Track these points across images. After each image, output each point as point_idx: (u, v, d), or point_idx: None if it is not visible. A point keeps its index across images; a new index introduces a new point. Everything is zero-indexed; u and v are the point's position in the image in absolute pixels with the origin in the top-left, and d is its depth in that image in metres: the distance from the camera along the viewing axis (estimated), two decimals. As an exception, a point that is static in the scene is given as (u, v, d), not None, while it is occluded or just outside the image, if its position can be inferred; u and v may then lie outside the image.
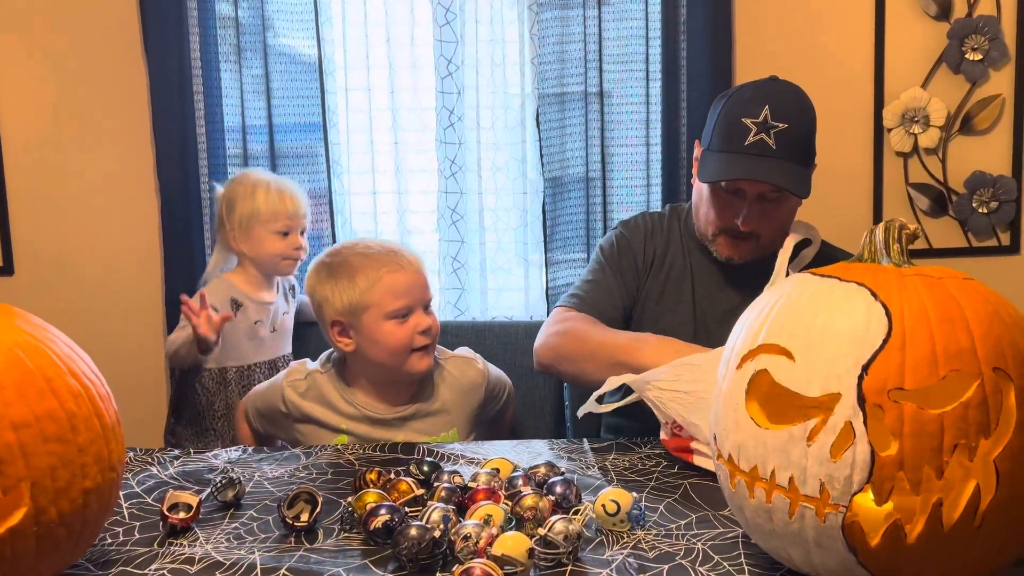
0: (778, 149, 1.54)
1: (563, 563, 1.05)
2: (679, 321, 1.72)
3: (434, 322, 1.69)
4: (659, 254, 1.77)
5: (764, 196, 1.59)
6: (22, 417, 0.93)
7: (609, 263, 1.77)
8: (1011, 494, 0.89)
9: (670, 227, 1.80)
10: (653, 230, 1.80)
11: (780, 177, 1.56)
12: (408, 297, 1.65)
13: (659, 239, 1.79)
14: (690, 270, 1.75)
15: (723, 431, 1.02)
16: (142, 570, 1.07)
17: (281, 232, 2.04)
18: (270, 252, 2.04)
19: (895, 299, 0.94)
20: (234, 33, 2.23)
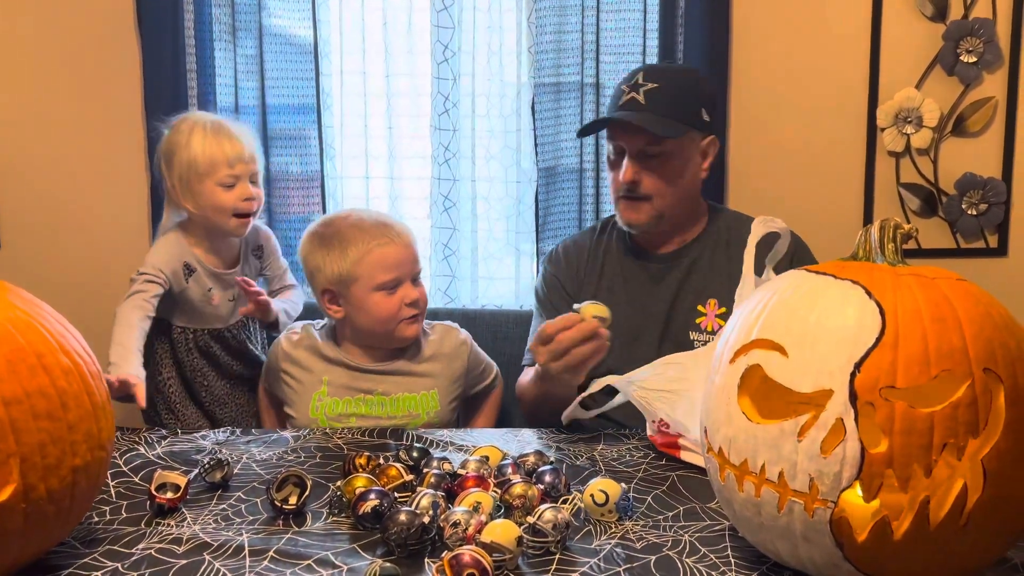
0: (647, 103, 1.66)
1: (551, 551, 1.06)
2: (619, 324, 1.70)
3: (421, 294, 1.76)
4: (587, 271, 1.83)
5: (644, 152, 1.68)
6: (13, 393, 0.93)
7: (543, 307, 1.85)
8: (997, 494, 0.90)
9: (599, 238, 1.86)
10: (575, 252, 1.86)
11: (644, 120, 1.65)
12: (397, 270, 1.72)
13: (583, 258, 1.85)
14: (622, 275, 1.80)
15: (714, 424, 1.03)
16: (129, 549, 1.07)
17: (225, 184, 1.79)
18: (216, 207, 1.80)
19: (889, 298, 0.95)
20: (229, 12, 2.21)
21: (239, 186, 1.80)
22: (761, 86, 2.26)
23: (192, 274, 1.85)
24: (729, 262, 1.74)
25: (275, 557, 1.05)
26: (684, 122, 1.68)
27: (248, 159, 1.82)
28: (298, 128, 2.27)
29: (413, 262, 1.75)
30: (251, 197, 1.82)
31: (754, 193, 2.26)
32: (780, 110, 2.26)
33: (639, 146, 1.68)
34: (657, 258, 1.79)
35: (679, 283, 1.75)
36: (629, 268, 1.80)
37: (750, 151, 2.28)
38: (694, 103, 1.70)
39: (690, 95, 1.70)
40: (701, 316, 1.73)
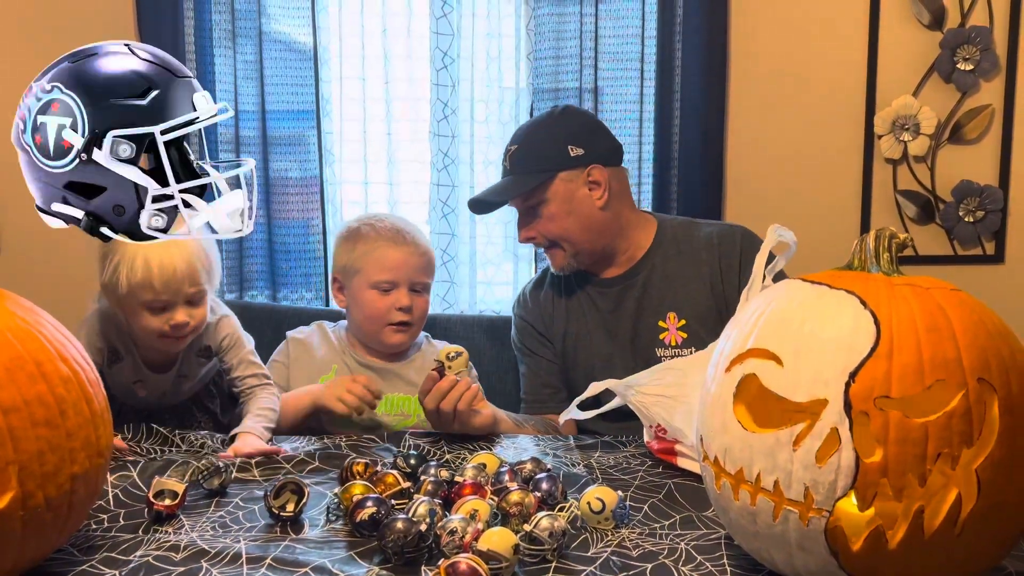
0: (511, 168, 1.77)
1: (548, 559, 1.06)
2: (602, 353, 1.79)
3: (417, 304, 1.78)
4: (554, 308, 1.85)
5: (528, 208, 1.76)
6: (11, 401, 0.93)
7: (522, 353, 1.88)
8: (991, 503, 0.91)
9: (556, 278, 1.87)
10: (540, 293, 1.88)
11: (494, 191, 1.79)
12: (395, 273, 1.76)
13: (548, 297, 1.87)
14: (585, 304, 1.82)
15: (710, 433, 1.03)
16: (127, 556, 1.07)
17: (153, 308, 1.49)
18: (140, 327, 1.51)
19: (884, 308, 0.95)
20: (229, 18, 2.22)
21: (169, 312, 1.49)
22: (759, 93, 2.26)
23: (118, 362, 1.56)
24: (682, 268, 1.77)
25: (272, 564, 1.05)
26: (545, 170, 1.73)
27: (185, 284, 1.47)
28: (297, 133, 2.28)
29: (416, 270, 1.78)
30: (183, 325, 1.49)
31: (751, 200, 2.27)
32: (777, 117, 2.27)
33: (518, 205, 1.78)
34: (610, 282, 1.81)
35: (636, 302, 1.78)
36: (589, 297, 1.82)
37: (748, 158, 2.28)
38: (554, 147, 1.74)
39: (547, 142, 1.75)
40: (664, 331, 1.76)
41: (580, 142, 1.75)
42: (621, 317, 1.79)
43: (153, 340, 1.53)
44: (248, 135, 2.26)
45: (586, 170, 1.74)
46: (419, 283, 1.78)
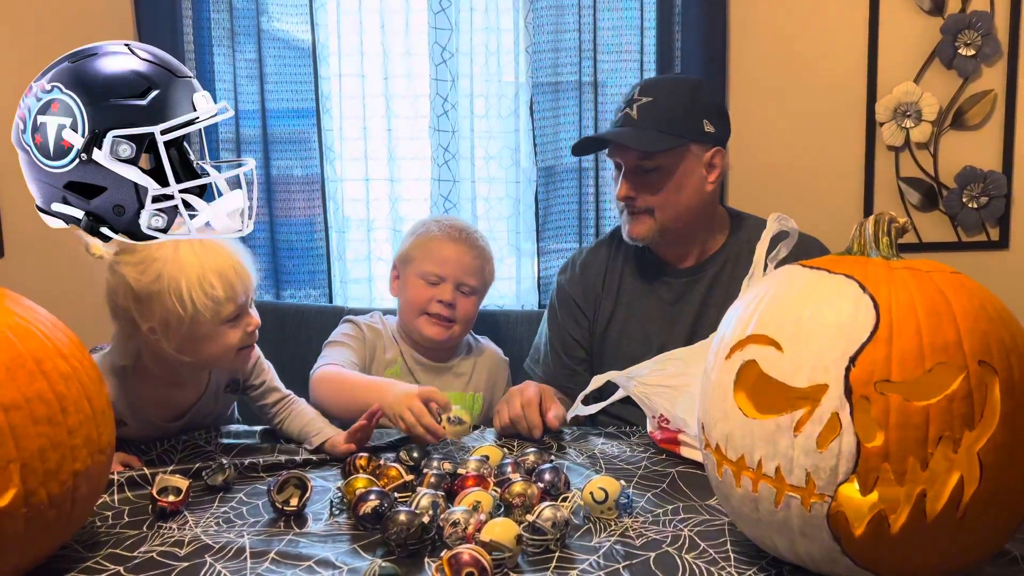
0: (640, 119, 1.64)
1: (551, 549, 1.06)
2: (655, 342, 1.71)
3: (461, 304, 1.79)
4: (605, 289, 1.79)
5: (640, 167, 1.66)
6: (12, 399, 0.93)
7: (551, 324, 1.83)
8: (994, 486, 0.90)
9: (615, 255, 1.81)
10: (592, 269, 1.81)
11: (624, 136, 1.65)
12: (443, 267, 1.79)
13: (601, 275, 1.80)
14: (642, 293, 1.76)
15: (711, 421, 1.03)
16: (131, 552, 1.08)
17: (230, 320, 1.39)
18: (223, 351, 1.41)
19: (883, 292, 0.95)
20: (228, 17, 2.22)
21: (243, 317, 1.41)
22: (759, 82, 2.25)
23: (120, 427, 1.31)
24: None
25: (276, 559, 1.05)
26: (678, 135, 1.63)
27: (253, 287, 1.42)
28: (298, 131, 2.28)
29: (467, 270, 1.80)
30: (257, 324, 1.44)
31: (754, 189, 2.26)
32: (779, 106, 2.26)
33: (633, 162, 1.66)
34: (677, 273, 1.74)
35: (702, 299, 1.71)
36: (651, 283, 1.76)
37: (749, 147, 2.27)
38: (692, 115, 1.65)
39: (687, 107, 1.65)
40: None
41: (714, 120, 1.67)
42: (683, 309, 1.72)
43: (228, 359, 1.41)
44: (249, 134, 2.26)
45: (712, 150, 1.67)
46: (467, 284, 1.80)
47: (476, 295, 1.83)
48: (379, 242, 2.32)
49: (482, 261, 1.83)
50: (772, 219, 1.33)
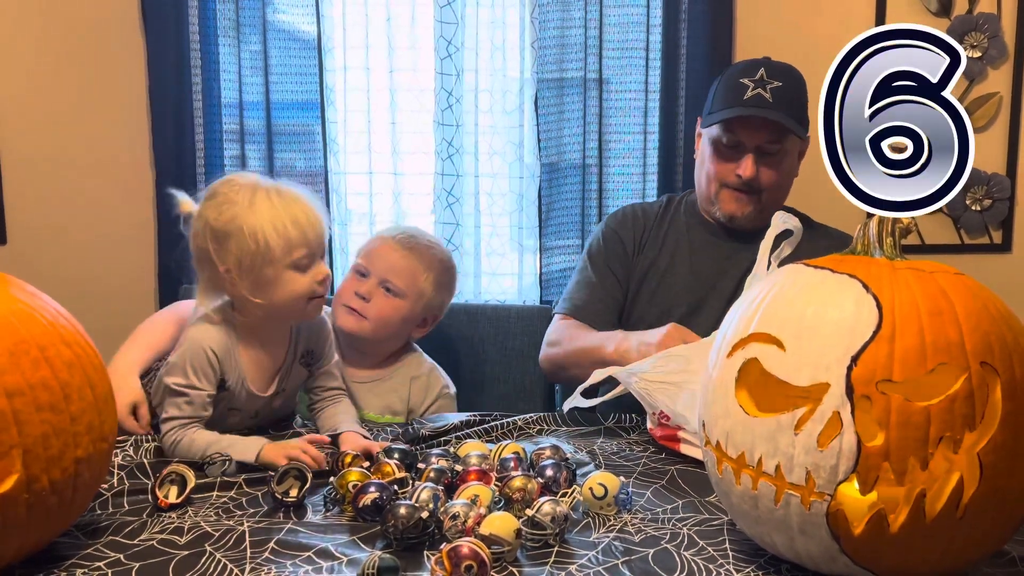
0: (775, 102, 1.68)
1: (550, 544, 1.06)
2: (693, 296, 1.78)
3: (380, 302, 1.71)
4: (652, 235, 1.85)
5: (762, 149, 1.71)
6: (16, 385, 0.93)
7: (593, 262, 1.86)
8: (994, 487, 0.90)
9: (665, 210, 1.88)
10: (640, 215, 1.88)
11: (778, 118, 1.68)
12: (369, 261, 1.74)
13: (649, 221, 1.86)
14: (689, 245, 1.82)
15: (712, 418, 1.03)
16: (131, 540, 1.08)
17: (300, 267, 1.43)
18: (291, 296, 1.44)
19: (886, 292, 0.95)
20: (233, 8, 2.22)
21: (314, 266, 1.44)
22: (764, 81, 2.25)
23: (221, 391, 1.44)
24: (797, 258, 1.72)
25: (276, 548, 1.06)
26: (803, 123, 1.73)
27: (324, 235, 1.46)
28: (302, 124, 2.28)
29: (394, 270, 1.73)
30: (327, 276, 1.46)
31: (757, 189, 2.26)
32: (783, 105, 2.26)
33: (760, 142, 1.71)
34: (731, 234, 1.81)
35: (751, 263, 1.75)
36: (698, 240, 1.82)
37: (753, 146, 2.27)
38: (805, 104, 1.74)
39: (802, 96, 1.74)
40: None
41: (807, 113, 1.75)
42: (729, 270, 1.78)
43: (300, 306, 1.45)
44: (253, 126, 2.26)
45: (805, 140, 1.77)
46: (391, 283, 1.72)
47: (401, 299, 1.71)
48: (382, 236, 2.32)
49: (415, 265, 1.73)
50: (776, 217, 1.33)
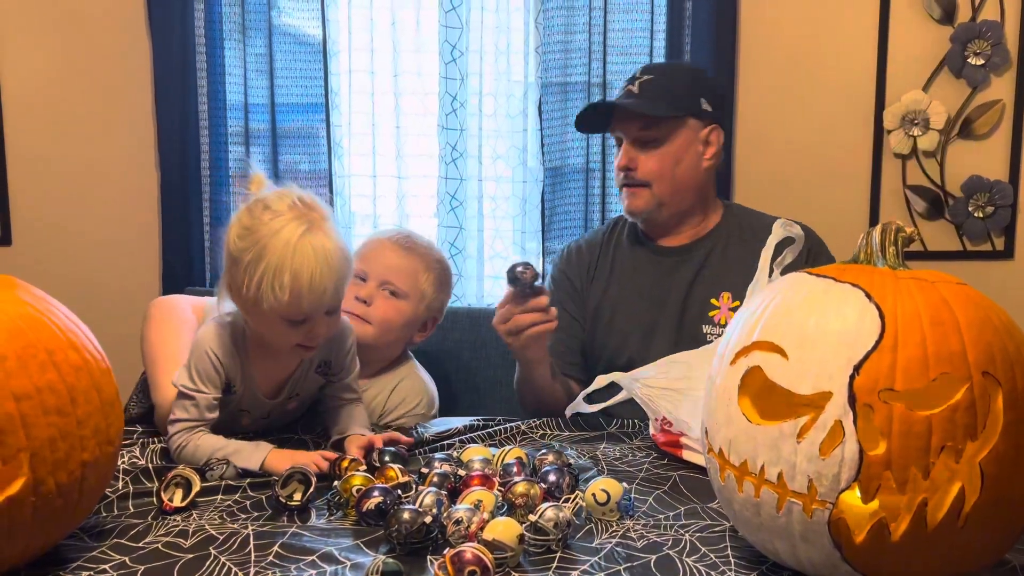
0: (640, 93, 1.71)
1: (552, 550, 1.07)
2: (644, 321, 1.76)
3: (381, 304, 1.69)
4: (598, 265, 1.84)
5: (640, 138, 1.71)
6: (23, 388, 0.94)
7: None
8: (995, 496, 0.91)
9: (609, 236, 1.87)
10: (584, 250, 1.87)
11: (626, 103, 1.70)
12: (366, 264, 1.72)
13: (594, 254, 1.85)
14: (634, 267, 1.80)
15: (715, 425, 1.04)
16: (136, 542, 1.09)
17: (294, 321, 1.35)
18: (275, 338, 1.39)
19: (889, 301, 0.95)
20: (239, 11, 2.23)
21: (308, 325, 1.36)
22: (768, 87, 2.26)
23: (228, 393, 1.42)
24: (747, 255, 1.72)
25: (279, 552, 1.06)
26: (679, 108, 1.70)
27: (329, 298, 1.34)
28: (307, 126, 2.29)
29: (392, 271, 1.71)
30: (319, 337, 1.39)
31: (761, 194, 2.26)
32: (787, 112, 2.27)
33: (634, 132, 1.72)
34: (669, 251, 1.79)
35: (693, 275, 1.75)
36: (641, 261, 1.80)
37: (757, 152, 2.28)
38: (691, 91, 1.72)
39: (687, 84, 1.73)
40: (714, 309, 1.73)
41: (712, 99, 1.74)
42: (673, 288, 1.76)
43: (284, 350, 1.40)
44: (258, 128, 2.28)
45: (709, 127, 1.73)
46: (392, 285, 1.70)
47: (404, 301, 1.70)
48: (385, 239, 2.33)
49: (415, 265, 1.71)
50: (778, 225, 1.33)
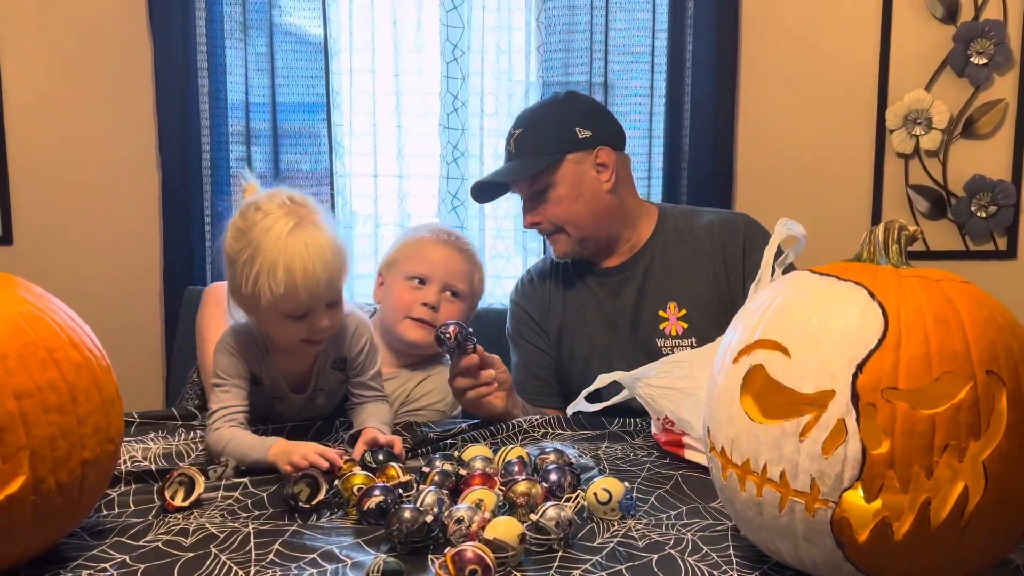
0: (516, 152, 1.74)
1: (554, 549, 1.06)
2: (600, 344, 1.77)
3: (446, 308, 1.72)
4: (552, 297, 1.84)
5: (534, 192, 1.74)
6: (24, 386, 0.94)
7: (515, 342, 1.86)
8: (998, 496, 0.90)
9: (556, 264, 1.85)
10: (537, 281, 1.87)
11: (499, 173, 1.77)
12: (429, 268, 1.74)
13: (546, 286, 1.85)
14: (585, 294, 1.81)
15: (717, 424, 1.04)
16: (137, 541, 1.08)
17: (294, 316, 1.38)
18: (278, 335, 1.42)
19: (892, 299, 0.95)
20: (240, 10, 2.23)
21: (310, 318, 1.38)
22: (770, 87, 2.26)
23: (257, 385, 1.48)
24: (683, 258, 1.75)
25: (280, 551, 1.06)
26: (554, 152, 1.71)
27: (324, 290, 1.36)
28: (308, 126, 2.29)
29: (454, 274, 1.74)
30: (323, 328, 1.40)
31: (762, 194, 2.26)
32: (788, 111, 2.26)
33: (525, 191, 1.75)
34: (611, 272, 1.79)
35: (637, 292, 1.76)
36: (588, 287, 1.81)
37: (758, 152, 2.28)
38: (561, 129, 1.72)
39: (554, 124, 1.73)
40: (664, 321, 1.74)
41: (587, 124, 1.73)
42: (621, 307, 1.77)
43: (291, 346, 1.42)
44: (259, 127, 2.27)
45: (594, 152, 1.72)
46: (454, 288, 1.74)
47: (463, 302, 1.76)
48: (386, 238, 2.33)
49: (471, 267, 1.78)
50: (780, 224, 1.33)
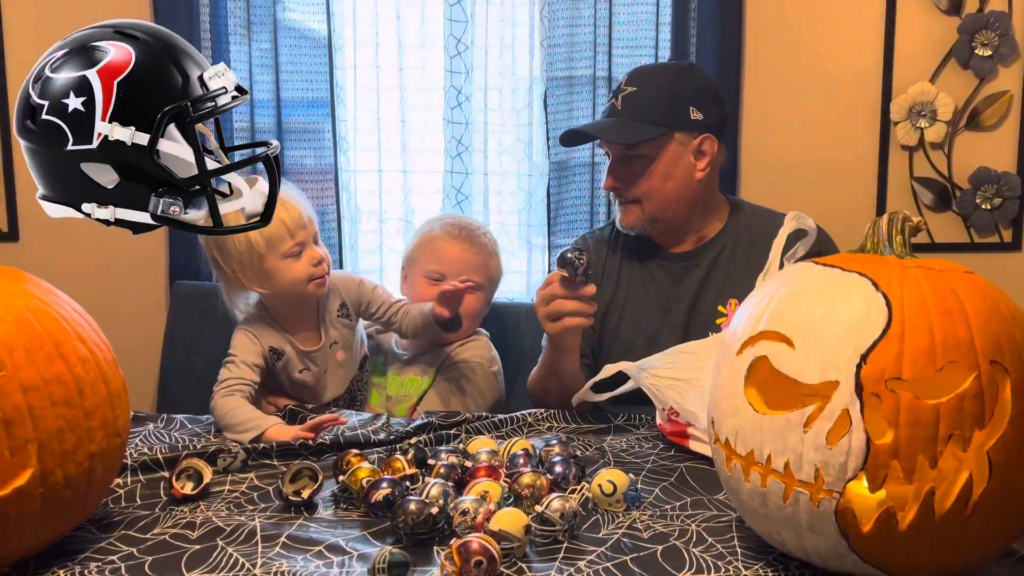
0: (623, 110, 1.67)
1: (559, 540, 1.07)
2: (650, 328, 1.73)
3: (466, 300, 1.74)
4: (606, 272, 1.79)
5: (626, 156, 1.68)
6: (31, 380, 0.94)
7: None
8: (1003, 486, 0.91)
9: (616, 238, 1.82)
10: (592, 247, 1.82)
11: (603, 129, 1.70)
12: (444, 265, 1.83)
13: (601, 257, 1.81)
14: (641, 275, 1.77)
15: (721, 415, 1.04)
16: (144, 534, 1.09)
17: (293, 255, 1.62)
18: (291, 281, 1.63)
19: (896, 290, 0.95)
20: (244, 7, 2.23)
21: (306, 252, 1.63)
22: (774, 79, 2.25)
23: (281, 359, 1.66)
24: (751, 260, 1.70)
25: (286, 543, 1.07)
26: (663, 124, 1.65)
27: (307, 222, 1.63)
28: (312, 122, 2.29)
29: (469, 268, 1.82)
30: (321, 259, 1.64)
31: (767, 186, 2.26)
32: (793, 103, 2.26)
33: (618, 152, 1.69)
34: (675, 257, 1.75)
35: (699, 283, 1.72)
36: (648, 268, 1.77)
37: (763, 144, 2.27)
38: (677, 102, 1.66)
39: (672, 95, 1.66)
40: (722, 317, 1.69)
41: (702, 106, 1.67)
42: (680, 295, 1.72)
43: (303, 289, 1.63)
44: (263, 124, 2.27)
45: (700, 137, 1.67)
46: (471, 280, 1.76)
47: (481, 291, 1.84)
48: (391, 234, 2.33)
49: (484, 257, 1.85)
50: (790, 217, 1.33)
